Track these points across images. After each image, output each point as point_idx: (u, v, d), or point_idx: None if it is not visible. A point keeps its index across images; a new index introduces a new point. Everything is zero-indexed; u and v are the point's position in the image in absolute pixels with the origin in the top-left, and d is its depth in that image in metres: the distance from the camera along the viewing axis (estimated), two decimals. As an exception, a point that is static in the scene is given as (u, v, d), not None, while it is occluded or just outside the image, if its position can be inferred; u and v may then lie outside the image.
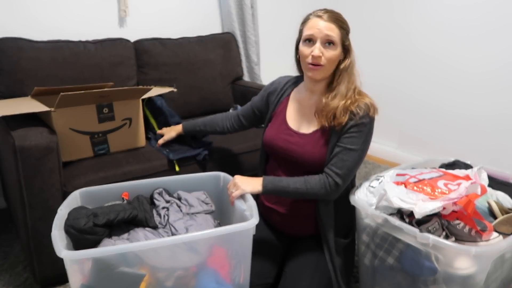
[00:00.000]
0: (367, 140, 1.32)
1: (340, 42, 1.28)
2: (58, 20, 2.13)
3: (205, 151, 1.84)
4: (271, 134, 1.44)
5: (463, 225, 1.19)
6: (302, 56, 1.31)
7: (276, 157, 1.45)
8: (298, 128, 1.39)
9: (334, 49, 1.28)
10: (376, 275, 1.36)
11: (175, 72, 2.31)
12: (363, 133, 1.29)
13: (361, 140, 1.29)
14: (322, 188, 1.29)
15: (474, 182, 1.21)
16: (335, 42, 1.27)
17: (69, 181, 1.55)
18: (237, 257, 1.21)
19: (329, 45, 1.27)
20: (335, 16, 1.28)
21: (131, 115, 1.79)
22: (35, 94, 1.73)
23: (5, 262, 1.74)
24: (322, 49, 1.27)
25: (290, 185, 1.29)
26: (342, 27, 1.28)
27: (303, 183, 1.30)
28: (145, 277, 1.07)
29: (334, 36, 1.26)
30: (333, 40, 1.26)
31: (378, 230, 1.29)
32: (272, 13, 2.92)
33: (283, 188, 1.30)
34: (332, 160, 1.30)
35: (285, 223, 1.44)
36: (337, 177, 1.28)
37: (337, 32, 1.27)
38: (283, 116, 1.44)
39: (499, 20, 2.28)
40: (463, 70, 2.49)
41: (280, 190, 1.30)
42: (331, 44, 1.27)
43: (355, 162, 1.30)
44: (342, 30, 1.28)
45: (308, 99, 1.40)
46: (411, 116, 2.83)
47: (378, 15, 2.90)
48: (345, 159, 1.28)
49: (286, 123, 1.42)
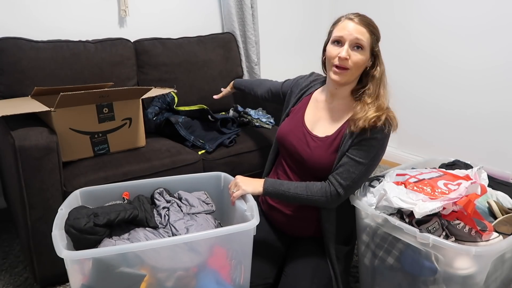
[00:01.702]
0: (378, 155, 1.29)
1: (369, 47, 1.26)
2: (58, 20, 2.12)
3: (234, 134, 2.00)
4: (286, 129, 1.42)
5: (463, 225, 1.19)
6: (328, 57, 1.28)
7: (286, 153, 1.44)
8: (312, 129, 1.38)
9: (362, 54, 1.25)
10: (376, 275, 1.36)
11: (175, 72, 2.31)
12: (375, 148, 1.26)
13: (371, 155, 1.26)
14: (322, 196, 1.28)
15: (474, 182, 1.21)
16: (363, 46, 1.24)
17: (69, 181, 1.55)
18: (237, 257, 1.21)
19: (357, 49, 1.24)
20: (367, 21, 1.26)
21: (131, 115, 1.79)
22: (35, 94, 1.73)
23: (5, 262, 1.74)
24: (350, 51, 1.24)
25: (291, 190, 1.29)
26: (373, 33, 1.26)
27: (304, 189, 1.29)
28: (145, 278, 1.07)
29: (363, 40, 1.24)
30: (362, 44, 1.24)
31: (378, 230, 1.29)
32: (272, 13, 2.92)
33: (284, 192, 1.29)
34: (338, 169, 1.28)
35: (287, 222, 1.44)
36: (340, 187, 1.27)
37: (367, 36, 1.25)
38: (301, 113, 1.43)
39: (499, 19, 2.28)
40: (463, 69, 2.49)
41: (280, 194, 1.30)
42: (359, 48, 1.24)
43: (361, 175, 1.27)
44: (372, 36, 1.26)
45: (328, 102, 1.38)
46: (411, 116, 2.83)
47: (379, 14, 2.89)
48: (352, 171, 1.26)
49: (303, 121, 1.40)
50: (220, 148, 1.96)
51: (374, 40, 1.27)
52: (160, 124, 2.10)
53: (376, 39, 1.28)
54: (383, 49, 1.32)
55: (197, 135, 2.01)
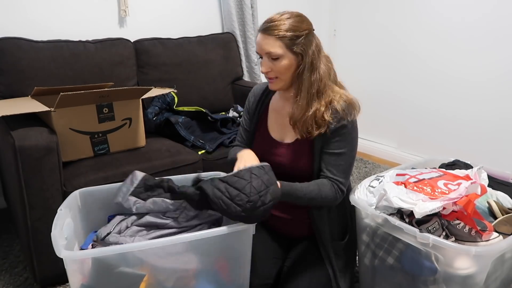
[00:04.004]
0: (354, 138, 1.30)
1: (286, 51, 1.21)
2: (58, 20, 2.13)
3: (234, 134, 1.99)
4: (258, 150, 1.37)
5: (463, 225, 1.19)
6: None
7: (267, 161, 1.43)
8: (282, 139, 1.37)
9: (281, 61, 1.22)
10: (376, 275, 1.36)
11: (175, 72, 2.31)
12: (346, 134, 1.27)
13: (346, 142, 1.28)
14: (333, 192, 1.27)
15: (474, 182, 1.21)
16: (278, 54, 1.20)
17: (69, 181, 1.55)
18: (237, 257, 1.21)
19: (274, 59, 1.22)
20: (277, 27, 1.20)
21: (131, 115, 1.79)
22: (35, 94, 1.73)
23: (5, 262, 1.74)
24: (270, 64, 1.23)
25: (304, 188, 1.25)
26: (284, 37, 1.19)
27: (316, 186, 1.27)
28: (144, 277, 1.07)
29: (274, 52, 1.20)
30: (275, 54, 1.21)
31: (378, 230, 1.29)
32: (272, 13, 2.91)
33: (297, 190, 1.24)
34: (327, 167, 1.29)
35: (282, 226, 1.44)
36: (341, 184, 1.29)
37: (278, 44, 1.20)
38: (264, 127, 1.41)
39: (495, 23, 2.28)
40: (462, 70, 2.49)
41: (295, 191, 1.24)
42: (276, 58, 1.22)
43: (348, 163, 1.30)
44: (284, 40, 1.20)
45: (284, 107, 1.36)
46: (411, 116, 2.83)
47: (378, 19, 2.90)
48: (339, 164, 1.28)
49: (269, 135, 1.39)
50: (220, 148, 1.96)
51: (289, 43, 1.20)
52: (160, 124, 2.10)
53: (290, 40, 1.20)
54: (384, 51, 1.31)
55: (197, 135, 2.01)
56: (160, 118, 2.11)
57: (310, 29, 1.26)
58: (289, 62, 1.23)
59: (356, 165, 2.90)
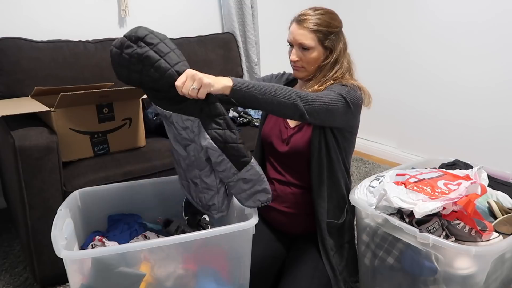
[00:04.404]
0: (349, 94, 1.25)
1: (318, 45, 1.30)
2: (58, 20, 2.13)
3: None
4: (268, 128, 1.46)
5: (463, 225, 1.19)
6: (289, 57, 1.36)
7: (271, 150, 1.46)
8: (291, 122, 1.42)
9: (311, 53, 1.31)
10: (376, 275, 1.36)
11: (175, 72, 2.30)
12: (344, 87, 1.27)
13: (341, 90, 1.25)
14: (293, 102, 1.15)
15: (474, 182, 1.21)
16: (310, 46, 1.30)
17: (69, 181, 1.55)
18: (236, 257, 1.21)
19: (305, 50, 1.31)
20: (313, 21, 1.29)
21: (131, 115, 1.79)
22: (35, 94, 1.73)
23: (5, 262, 1.74)
24: (300, 53, 1.32)
25: (263, 84, 1.15)
26: (318, 31, 1.29)
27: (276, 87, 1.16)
28: (144, 277, 1.07)
29: (307, 43, 1.29)
30: (307, 46, 1.29)
31: (378, 230, 1.29)
32: (272, 13, 2.92)
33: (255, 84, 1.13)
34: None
35: (284, 221, 1.44)
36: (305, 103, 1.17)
37: (311, 37, 1.29)
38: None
39: (494, 25, 2.29)
40: (462, 70, 2.49)
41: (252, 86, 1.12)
42: (307, 49, 1.30)
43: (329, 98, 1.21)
44: (318, 34, 1.29)
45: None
46: (411, 116, 2.83)
47: (378, 20, 2.91)
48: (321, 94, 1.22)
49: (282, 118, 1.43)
50: (220, 148, 1.96)
51: (321, 37, 1.30)
52: (160, 124, 2.10)
53: (323, 35, 1.30)
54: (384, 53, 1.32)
55: None
56: (160, 118, 2.10)
57: (340, 26, 1.35)
58: (318, 54, 1.32)
59: (356, 165, 2.90)
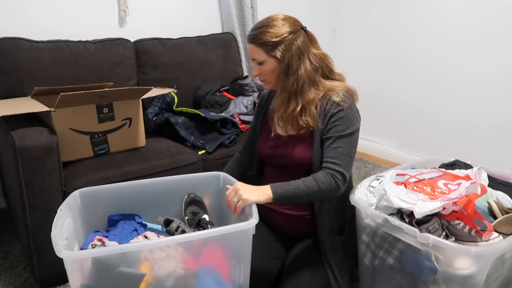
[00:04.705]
0: (353, 123, 1.30)
1: (267, 57, 1.31)
2: (58, 20, 2.13)
3: (233, 134, 2.02)
4: (262, 144, 1.46)
5: (463, 225, 1.19)
6: None
7: (272, 164, 1.46)
8: (286, 132, 1.40)
9: (265, 65, 1.32)
10: (376, 275, 1.36)
11: (175, 72, 2.31)
12: (345, 118, 1.29)
13: (346, 126, 1.28)
14: (332, 181, 1.24)
15: (474, 182, 1.21)
16: (263, 60, 1.32)
17: (69, 181, 1.55)
18: (237, 257, 1.21)
19: (260, 64, 1.33)
20: (258, 35, 1.31)
21: (131, 115, 1.79)
22: (35, 94, 1.73)
23: (5, 262, 1.74)
24: (258, 67, 1.34)
25: (301, 185, 1.24)
26: (263, 44, 1.30)
27: (312, 180, 1.25)
28: (144, 277, 1.07)
29: (258, 58, 1.32)
30: (260, 60, 1.32)
31: (378, 230, 1.29)
32: (272, 13, 2.91)
33: (294, 190, 1.24)
34: (325, 154, 1.29)
35: (284, 223, 1.44)
36: (337, 166, 1.26)
37: (259, 51, 1.31)
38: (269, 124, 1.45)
39: (495, 24, 2.29)
40: (462, 70, 2.49)
41: (292, 194, 1.24)
42: (261, 63, 1.33)
43: (348, 147, 1.28)
44: (263, 47, 1.30)
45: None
46: (411, 116, 2.83)
47: (379, 19, 2.90)
48: (336, 147, 1.28)
49: (272, 130, 1.43)
50: (220, 148, 1.96)
51: (269, 49, 1.30)
52: (160, 124, 2.10)
53: (271, 47, 1.29)
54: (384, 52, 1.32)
55: (197, 136, 2.01)
56: (160, 118, 2.11)
57: (292, 31, 1.32)
58: (272, 65, 1.32)
59: (356, 165, 2.89)
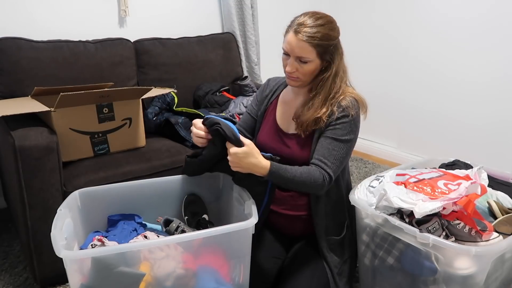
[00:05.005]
0: (353, 131, 1.29)
1: (316, 58, 1.25)
2: (58, 20, 2.13)
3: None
4: (264, 136, 1.44)
5: (463, 225, 1.19)
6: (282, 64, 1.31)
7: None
8: (287, 129, 1.39)
9: (309, 66, 1.25)
10: (376, 275, 1.36)
11: (175, 72, 2.31)
12: (346, 124, 1.27)
13: (345, 132, 1.27)
14: (321, 180, 1.23)
15: (474, 182, 1.21)
16: (308, 60, 1.24)
17: (69, 181, 1.55)
18: (236, 256, 1.21)
19: (302, 63, 1.25)
20: (312, 33, 1.22)
21: (131, 115, 1.79)
22: (35, 94, 1.73)
23: (5, 262, 1.74)
24: (296, 65, 1.26)
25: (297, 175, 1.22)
26: (318, 45, 1.22)
27: (308, 175, 1.23)
28: (144, 277, 1.07)
29: (306, 57, 1.24)
30: (305, 59, 1.24)
31: (378, 230, 1.29)
32: (272, 13, 2.92)
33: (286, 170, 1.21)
34: (318, 151, 1.27)
35: (283, 223, 1.44)
36: (329, 169, 1.25)
37: (311, 50, 1.23)
38: (273, 117, 1.44)
39: (495, 24, 2.29)
40: (462, 70, 2.49)
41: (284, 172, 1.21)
42: (304, 62, 1.25)
43: (342, 153, 1.27)
44: (318, 48, 1.23)
45: (294, 100, 1.40)
46: (411, 116, 2.83)
47: (378, 19, 2.91)
48: (331, 149, 1.27)
49: (276, 124, 1.42)
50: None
51: (321, 51, 1.24)
52: (160, 124, 2.10)
53: (323, 49, 1.24)
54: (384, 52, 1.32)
55: None
56: (160, 118, 2.11)
57: (339, 36, 1.30)
58: (315, 67, 1.27)
59: (356, 165, 2.89)
